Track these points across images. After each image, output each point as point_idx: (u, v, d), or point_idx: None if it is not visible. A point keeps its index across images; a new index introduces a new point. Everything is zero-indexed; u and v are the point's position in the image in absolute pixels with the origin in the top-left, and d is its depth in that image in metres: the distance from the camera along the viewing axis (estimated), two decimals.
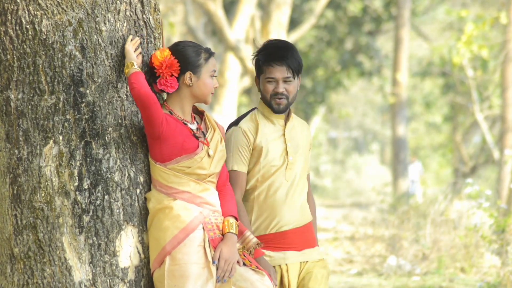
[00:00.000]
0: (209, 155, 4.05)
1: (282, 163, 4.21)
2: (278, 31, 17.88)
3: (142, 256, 4.00)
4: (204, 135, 4.08)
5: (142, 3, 4.07)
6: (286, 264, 4.19)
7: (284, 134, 4.23)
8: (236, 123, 4.24)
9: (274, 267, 4.17)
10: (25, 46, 3.87)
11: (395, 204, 16.45)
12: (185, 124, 4.03)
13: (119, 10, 3.98)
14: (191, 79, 4.01)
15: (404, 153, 24.07)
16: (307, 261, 4.22)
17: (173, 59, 3.99)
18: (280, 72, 4.16)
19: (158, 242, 3.94)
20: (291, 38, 19.08)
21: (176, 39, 24.54)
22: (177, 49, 4.02)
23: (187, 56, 4.00)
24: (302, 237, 4.21)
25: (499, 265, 9.45)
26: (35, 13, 3.86)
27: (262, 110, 4.26)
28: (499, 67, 19.08)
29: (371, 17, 26.05)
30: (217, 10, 17.14)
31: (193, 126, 4.08)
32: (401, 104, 23.93)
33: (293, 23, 22.57)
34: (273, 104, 4.20)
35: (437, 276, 9.83)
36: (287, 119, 4.27)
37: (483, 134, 22.01)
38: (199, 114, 4.19)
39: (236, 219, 4.03)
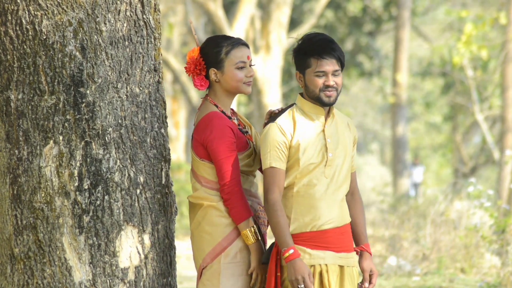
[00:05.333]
0: (255, 152, 4.08)
1: (321, 160, 4.05)
2: (278, 31, 17.87)
3: (142, 256, 4.00)
4: (246, 131, 4.12)
5: (142, 3, 4.06)
6: (326, 265, 4.02)
7: (323, 130, 4.08)
8: (273, 119, 4.08)
9: (313, 266, 4.02)
10: (25, 47, 3.87)
11: (395, 204, 16.45)
12: (230, 119, 4.07)
13: (119, 10, 3.98)
14: (216, 75, 4.04)
15: (404, 153, 24.08)
16: (342, 266, 4.06)
17: (198, 58, 4.04)
18: (330, 65, 4.05)
19: (212, 237, 3.94)
20: (291, 38, 19.05)
21: (176, 39, 24.53)
22: (203, 47, 4.08)
23: (208, 54, 4.04)
24: (341, 239, 4.06)
25: (499, 265, 9.44)
26: (35, 13, 3.86)
27: (302, 106, 4.10)
28: (499, 67, 19.08)
29: (371, 17, 26.05)
30: (217, 10, 17.14)
31: (236, 121, 4.11)
32: (401, 104, 23.94)
33: (293, 23, 22.56)
34: (323, 97, 4.05)
35: (437, 276, 9.82)
36: (327, 115, 4.11)
37: (483, 134, 22.02)
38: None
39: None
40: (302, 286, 3.91)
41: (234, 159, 3.94)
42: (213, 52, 4.03)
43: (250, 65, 4.10)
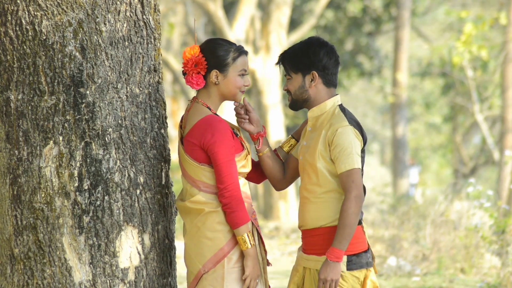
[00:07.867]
0: (249, 153, 4.09)
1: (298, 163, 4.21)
2: (278, 31, 17.86)
3: (142, 256, 4.00)
4: (237, 134, 4.13)
5: (142, 3, 4.07)
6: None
7: (305, 134, 4.19)
8: None
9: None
10: (25, 47, 3.87)
11: (395, 205, 16.45)
12: None
13: (119, 10, 3.98)
14: (217, 77, 4.03)
15: (404, 153, 24.07)
16: (310, 268, 4.10)
17: (200, 57, 4.01)
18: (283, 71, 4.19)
19: (213, 243, 3.95)
20: (291, 38, 19.08)
21: (175, 40, 24.54)
22: (206, 47, 4.05)
23: (215, 55, 4.01)
24: (311, 241, 4.11)
25: (499, 265, 9.45)
26: (35, 13, 3.86)
27: None
28: (499, 67, 19.08)
29: (371, 17, 26.05)
30: (217, 11, 17.14)
31: None
32: (401, 105, 23.92)
33: (293, 24, 22.55)
34: None
35: (437, 276, 9.83)
36: (312, 117, 4.16)
37: (483, 134, 22.02)
38: None
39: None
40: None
41: (234, 163, 3.94)
42: (218, 55, 4.01)
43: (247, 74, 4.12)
